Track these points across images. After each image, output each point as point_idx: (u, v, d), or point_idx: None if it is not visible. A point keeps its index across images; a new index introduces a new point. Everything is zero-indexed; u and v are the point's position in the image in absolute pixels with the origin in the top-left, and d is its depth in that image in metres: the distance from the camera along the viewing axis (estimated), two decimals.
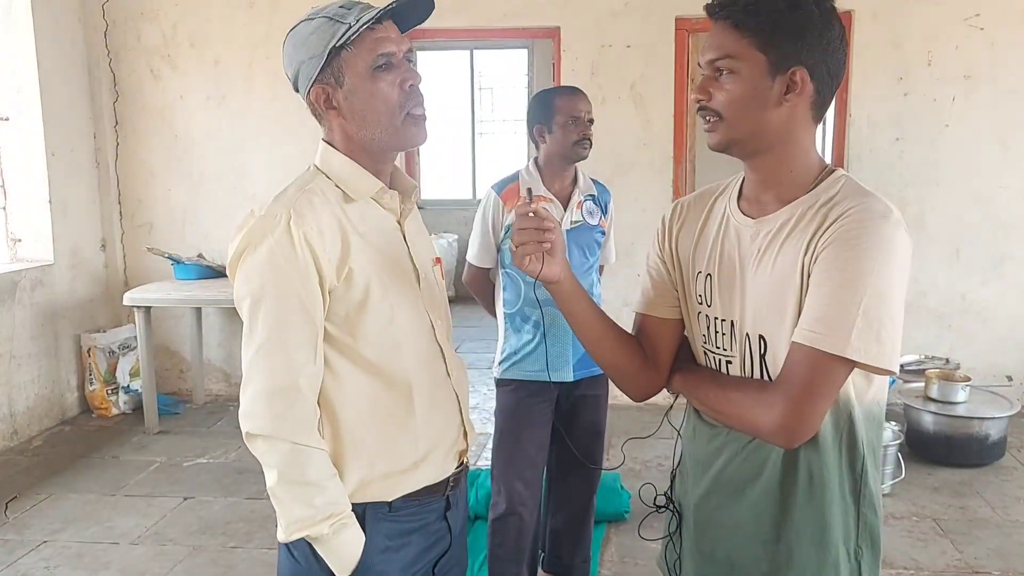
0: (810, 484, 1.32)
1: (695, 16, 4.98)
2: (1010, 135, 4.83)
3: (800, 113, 1.31)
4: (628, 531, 3.55)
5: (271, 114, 5.27)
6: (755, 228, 1.36)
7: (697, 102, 1.34)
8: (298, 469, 1.42)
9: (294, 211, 1.42)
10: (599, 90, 4.85)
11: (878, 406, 1.36)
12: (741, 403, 1.34)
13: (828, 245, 1.24)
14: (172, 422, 4.99)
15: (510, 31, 5.37)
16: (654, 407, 5.67)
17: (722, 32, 1.30)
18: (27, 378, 4.76)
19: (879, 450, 1.40)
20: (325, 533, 1.44)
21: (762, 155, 1.34)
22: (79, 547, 3.47)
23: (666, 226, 1.53)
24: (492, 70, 9.20)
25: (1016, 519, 3.62)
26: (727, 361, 1.40)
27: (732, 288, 1.37)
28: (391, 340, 1.51)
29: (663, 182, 5.09)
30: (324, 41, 1.43)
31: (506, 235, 2.75)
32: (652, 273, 1.54)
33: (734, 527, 1.40)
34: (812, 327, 1.23)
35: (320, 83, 1.47)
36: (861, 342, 1.21)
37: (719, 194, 1.48)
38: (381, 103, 1.46)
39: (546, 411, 2.79)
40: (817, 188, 1.32)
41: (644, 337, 1.53)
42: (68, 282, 5.11)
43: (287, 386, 1.41)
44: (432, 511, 1.60)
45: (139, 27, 5.27)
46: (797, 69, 1.27)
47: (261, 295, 1.41)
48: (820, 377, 1.24)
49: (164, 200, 5.45)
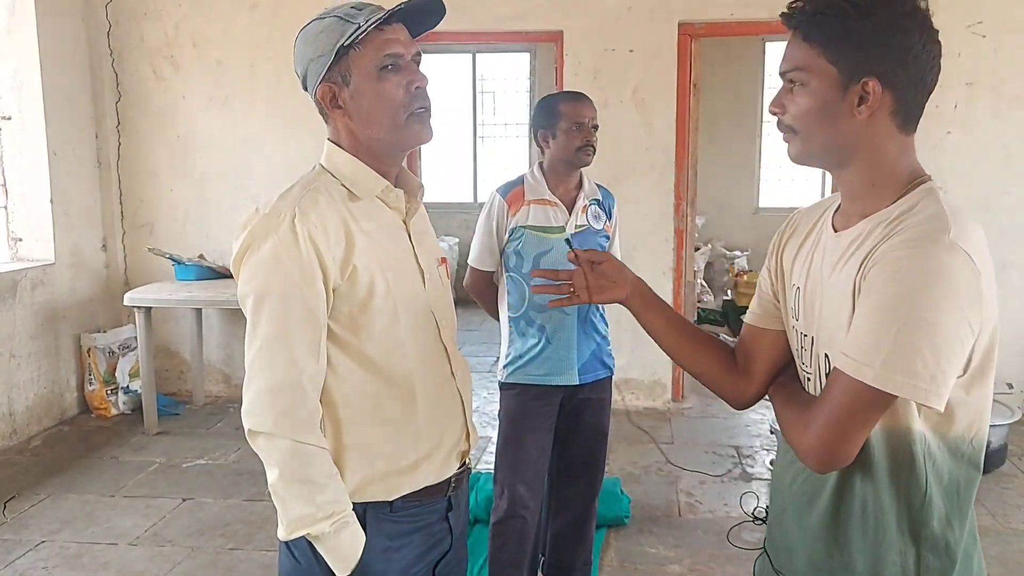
0: (864, 515, 1.27)
1: (698, 21, 5.00)
2: (1012, 142, 4.84)
3: (879, 123, 1.24)
4: (628, 536, 3.54)
5: (273, 115, 5.27)
6: (836, 242, 1.31)
7: (774, 115, 1.31)
8: (299, 467, 1.42)
9: (298, 209, 1.43)
10: (601, 94, 4.84)
11: (970, 445, 1.25)
12: (788, 420, 1.32)
13: (874, 265, 1.18)
14: (171, 423, 4.99)
15: (513, 35, 5.37)
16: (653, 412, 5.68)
17: (793, 43, 1.27)
18: (27, 378, 4.76)
19: (966, 492, 1.27)
20: (326, 531, 1.43)
21: (844, 168, 1.29)
22: (77, 547, 3.46)
23: (779, 236, 1.49)
24: (494, 73, 9.20)
25: (1016, 527, 3.61)
26: (807, 378, 1.36)
27: (813, 303, 1.33)
28: (394, 339, 1.51)
29: (665, 187, 5.08)
30: (333, 40, 1.44)
31: (511, 239, 2.75)
32: (761, 283, 1.52)
33: (799, 546, 1.37)
34: (846, 350, 1.19)
35: (327, 82, 1.48)
36: (886, 372, 1.13)
37: (829, 205, 1.41)
38: (386, 103, 1.47)
39: (549, 415, 2.79)
40: (897, 202, 1.25)
41: (741, 346, 1.52)
42: (69, 282, 5.11)
43: (289, 384, 1.41)
44: (434, 512, 1.60)
45: (142, 27, 5.28)
46: (868, 79, 1.21)
47: (264, 293, 1.42)
48: (849, 404, 1.18)
49: (166, 200, 5.45)
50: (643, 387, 5.22)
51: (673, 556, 3.38)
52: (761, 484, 4.12)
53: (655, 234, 5.11)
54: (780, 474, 1.44)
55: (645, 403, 5.22)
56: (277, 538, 1.54)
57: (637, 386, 5.20)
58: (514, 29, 5.17)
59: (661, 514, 3.75)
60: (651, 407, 5.22)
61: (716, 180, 8.30)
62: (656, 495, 3.94)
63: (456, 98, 9.08)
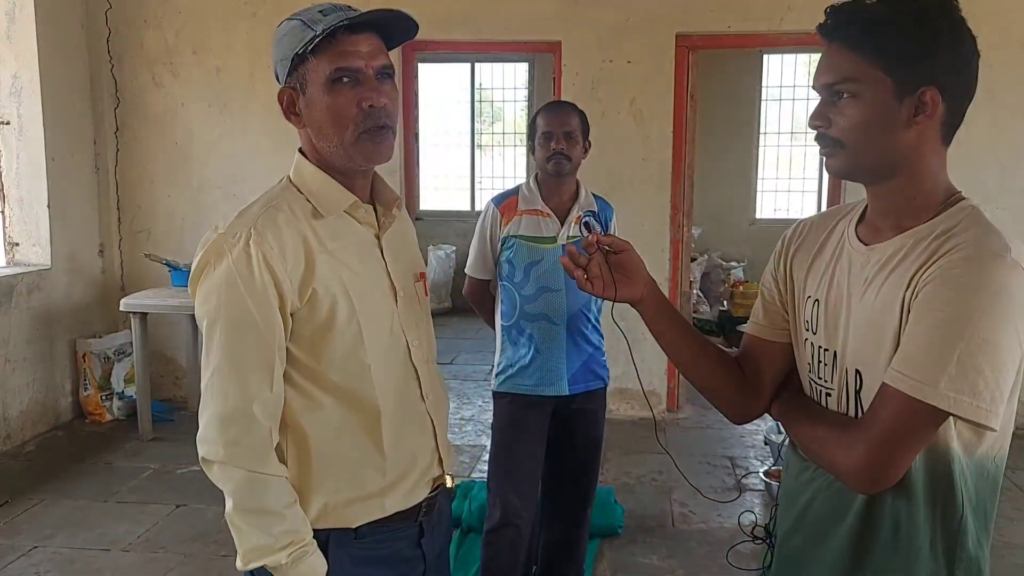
0: (895, 536, 1.23)
1: (695, 33, 5.02)
2: (1008, 158, 4.86)
3: (929, 135, 1.21)
4: (621, 546, 3.54)
5: (272, 123, 5.26)
6: (866, 256, 1.26)
7: (815, 129, 1.25)
8: (254, 497, 1.39)
9: (255, 230, 1.37)
10: (599, 105, 4.86)
11: (994, 463, 1.24)
12: (825, 439, 1.26)
13: (930, 282, 1.14)
14: (166, 429, 4.97)
15: (512, 44, 5.40)
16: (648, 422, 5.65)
17: (839, 54, 1.21)
18: (21, 382, 4.75)
19: (991, 512, 1.27)
20: (283, 563, 1.38)
21: (886, 182, 1.24)
22: (70, 553, 3.45)
23: (784, 245, 1.44)
24: (493, 83, 9.22)
25: (1009, 540, 3.62)
26: (827, 393, 1.32)
27: (838, 317, 1.28)
28: (358, 363, 1.45)
29: (662, 198, 5.10)
30: (292, 45, 1.40)
31: (503, 248, 2.76)
32: (764, 293, 1.47)
33: (814, 569, 1.33)
34: (902, 368, 1.14)
35: (288, 87, 1.45)
36: (952, 391, 1.10)
37: (842, 216, 1.37)
38: (334, 118, 1.40)
39: (541, 424, 2.79)
40: (936, 218, 1.21)
41: (747, 359, 1.46)
42: (65, 287, 5.11)
43: (240, 412, 1.36)
44: (403, 538, 1.55)
45: (141, 34, 5.29)
46: (927, 89, 1.17)
47: (216, 317, 1.37)
48: (904, 423, 1.14)
49: (163, 207, 5.45)
50: (638, 397, 5.22)
51: (666, 567, 3.38)
52: (755, 495, 4.12)
53: (651, 245, 5.12)
54: (793, 493, 1.39)
55: (640, 413, 5.22)
56: (240, 571, 1.49)
57: (632, 396, 5.19)
58: (513, 39, 5.19)
59: (655, 524, 3.75)
60: (646, 417, 5.21)
61: (713, 191, 8.32)
62: (650, 505, 3.94)
63: (455, 107, 9.11)
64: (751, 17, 4.88)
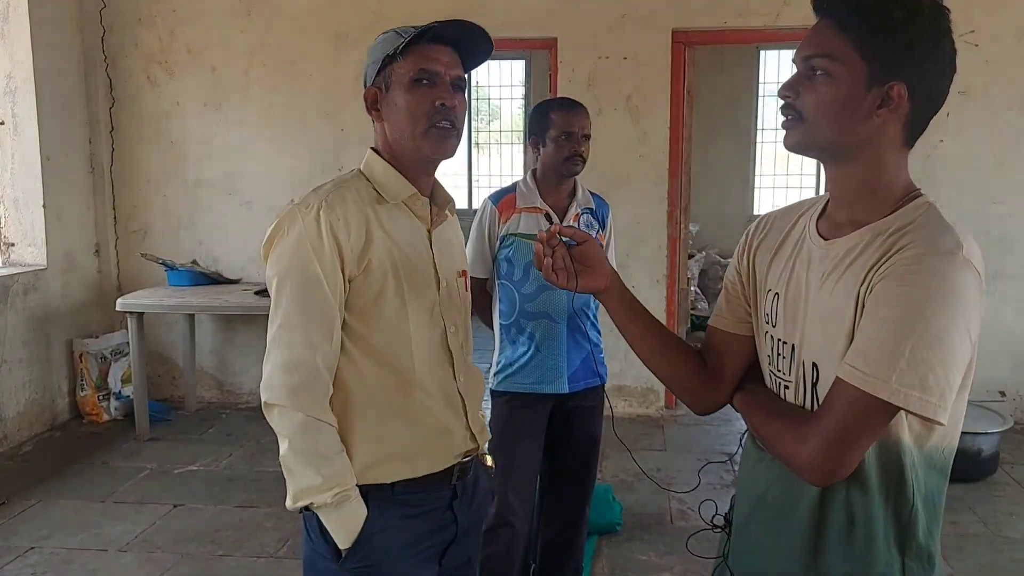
0: (849, 526, 1.25)
1: (691, 29, 5.01)
2: (1004, 151, 4.86)
3: (889, 131, 1.22)
4: (619, 543, 3.54)
5: (267, 122, 5.27)
6: (825, 250, 1.28)
7: (784, 98, 1.26)
8: (309, 440, 1.52)
9: (325, 202, 1.56)
10: (595, 101, 4.85)
11: (942, 455, 1.26)
12: (780, 431, 1.28)
13: (884, 278, 1.16)
14: (163, 429, 4.97)
15: (507, 42, 5.37)
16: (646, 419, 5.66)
17: (825, 30, 1.22)
18: (18, 383, 4.74)
19: (940, 503, 1.29)
20: (328, 503, 1.52)
21: (841, 165, 1.26)
22: (67, 554, 3.45)
23: (748, 239, 1.47)
24: (490, 80, 9.21)
25: (1007, 535, 3.62)
26: (785, 386, 1.34)
27: (796, 311, 1.30)
28: (401, 334, 1.61)
29: (659, 195, 5.09)
30: (384, 50, 1.60)
31: (502, 246, 2.75)
32: (727, 285, 1.49)
33: (768, 559, 1.34)
34: (854, 363, 1.16)
35: (373, 87, 1.64)
36: (902, 386, 1.12)
37: (805, 211, 1.39)
38: (409, 112, 1.59)
39: (540, 423, 2.78)
40: (893, 214, 1.23)
41: (710, 351, 1.48)
42: (61, 287, 5.09)
43: (304, 361, 1.52)
44: (437, 498, 1.68)
45: (136, 33, 5.28)
46: (896, 84, 1.19)
47: (287, 275, 1.54)
48: (856, 417, 1.16)
49: (159, 206, 5.44)
50: (636, 394, 5.22)
51: (664, 564, 3.37)
52: None
53: (649, 242, 5.12)
54: (749, 483, 1.41)
55: (638, 410, 5.22)
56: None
57: (630, 393, 5.20)
58: (509, 36, 5.18)
59: (653, 522, 3.74)
60: (644, 414, 5.21)
61: (710, 187, 8.32)
62: (648, 502, 3.93)
63: None
64: (747, 13, 4.87)
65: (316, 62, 5.17)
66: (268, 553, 3.42)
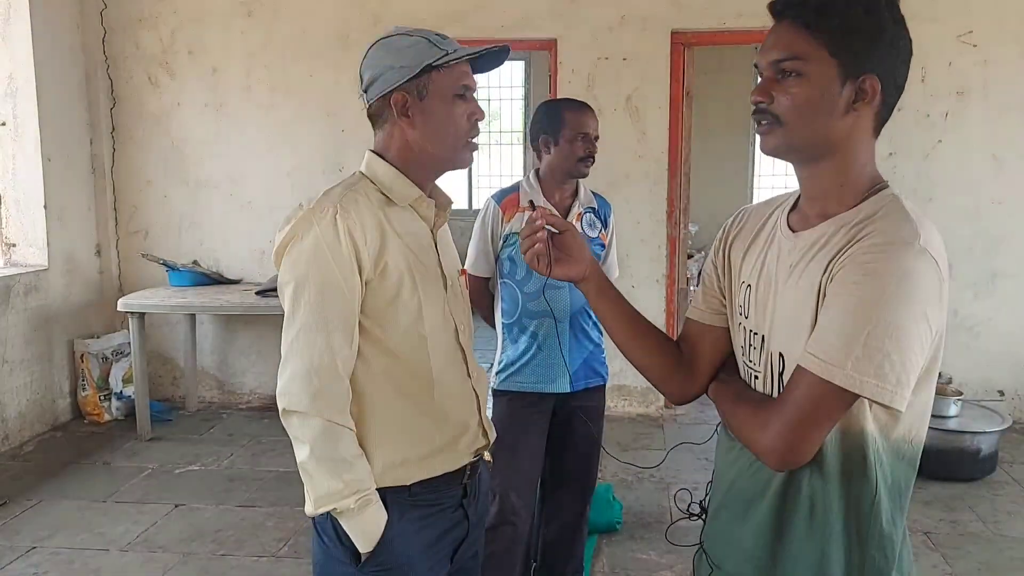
0: (811, 514, 1.27)
1: (690, 30, 5.02)
2: (1002, 151, 4.87)
3: (863, 123, 1.25)
4: (620, 542, 3.55)
5: (268, 123, 5.28)
6: (793, 242, 1.30)
7: (756, 104, 1.27)
8: (330, 445, 1.53)
9: (340, 207, 1.54)
10: (595, 102, 4.81)
11: (910, 445, 1.27)
12: (743, 417, 1.31)
13: (842, 267, 1.19)
14: (164, 429, 4.98)
15: (508, 42, 5.39)
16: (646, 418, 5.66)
17: (789, 31, 1.23)
18: (19, 383, 4.75)
19: (906, 492, 1.30)
20: (351, 508, 1.53)
21: (816, 164, 1.28)
22: (69, 553, 3.46)
23: (724, 232, 1.49)
24: (490, 81, 9.22)
25: (1007, 534, 3.63)
26: (755, 376, 1.36)
27: (766, 302, 1.33)
28: (417, 335, 1.62)
29: (658, 195, 5.10)
30: (421, 57, 1.59)
31: (505, 245, 2.76)
32: (704, 278, 1.52)
33: (738, 545, 1.37)
34: (813, 350, 1.19)
35: (403, 91, 1.60)
36: (857, 373, 1.14)
37: (779, 205, 1.41)
38: (452, 126, 1.63)
39: (541, 422, 2.79)
40: (859, 206, 1.25)
41: (686, 342, 1.50)
42: (62, 287, 5.10)
43: (325, 366, 1.52)
44: (450, 497, 1.70)
45: (137, 34, 5.29)
46: (868, 76, 1.21)
47: (305, 280, 1.53)
48: (814, 403, 1.19)
49: (160, 207, 5.45)
50: (636, 393, 5.23)
51: (665, 563, 3.39)
52: None
53: (648, 242, 5.13)
54: (722, 470, 1.44)
55: (638, 409, 5.23)
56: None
57: (630, 392, 5.21)
58: (509, 37, 5.19)
59: (653, 520, 3.76)
60: (644, 413, 5.23)
61: (710, 188, 8.32)
62: (648, 501, 3.95)
63: None
64: (746, 14, 4.88)
65: (317, 63, 5.17)
66: (269, 553, 3.43)
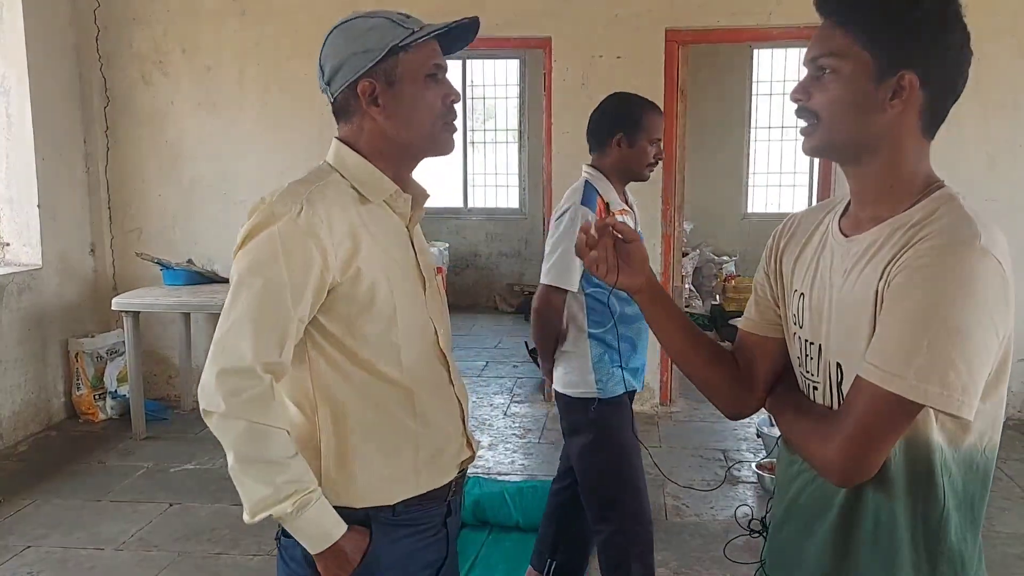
0: (876, 529, 1.21)
1: (685, 28, 5.03)
2: (996, 149, 4.89)
3: (907, 122, 1.20)
4: None
5: (262, 121, 5.28)
6: (846, 247, 1.25)
7: (796, 102, 1.24)
8: (256, 447, 1.39)
9: (306, 201, 1.41)
10: (589, 100, 4.77)
11: (983, 455, 1.21)
12: (805, 432, 1.26)
13: (901, 271, 1.12)
14: (159, 428, 4.97)
15: (501, 41, 5.39)
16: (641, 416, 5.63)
17: (827, 29, 1.21)
18: (13, 383, 4.74)
19: (980, 505, 1.23)
20: (289, 512, 1.40)
21: (861, 164, 1.24)
22: (63, 553, 3.45)
23: (775, 240, 1.43)
24: (485, 80, 9.22)
25: (999, 530, 3.64)
26: (814, 387, 1.30)
27: (820, 310, 1.27)
28: (389, 345, 1.49)
29: (652, 193, 5.10)
30: (386, 39, 1.46)
31: None
32: (757, 288, 1.46)
33: (802, 561, 1.32)
34: (873, 360, 1.13)
35: (369, 78, 1.48)
36: (921, 381, 1.08)
37: (830, 210, 1.36)
38: (427, 109, 1.51)
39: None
40: (914, 207, 1.19)
41: (741, 354, 1.45)
42: (56, 287, 5.09)
43: (246, 368, 1.38)
44: (434, 515, 1.60)
45: (131, 33, 5.28)
46: (906, 72, 1.16)
47: (249, 275, 1.41)
48: (877, 415, 1.13)
49: (154, 206, 5.44)
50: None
51: (660, 560, 3.38)
52: (747, 488, 4.14)
53: (643, 240, 5.12)
54: (784, 485, 1.39)
55: (633, 407, 5.23)
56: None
57: None
58: (504, 35, 5.18)
59: None
60: (639, 411, 5.21)
61: (704, 185, 8.33)
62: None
63: None
64: (740, 11, 4.89)
65: (310, 61, 5.13)
66: (264, 551, 3.43)
